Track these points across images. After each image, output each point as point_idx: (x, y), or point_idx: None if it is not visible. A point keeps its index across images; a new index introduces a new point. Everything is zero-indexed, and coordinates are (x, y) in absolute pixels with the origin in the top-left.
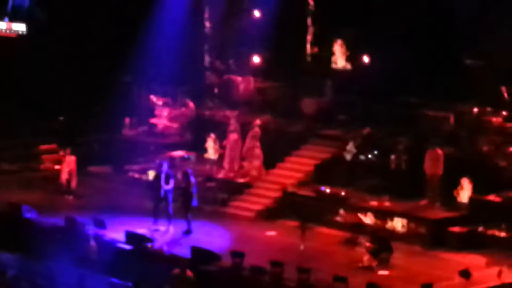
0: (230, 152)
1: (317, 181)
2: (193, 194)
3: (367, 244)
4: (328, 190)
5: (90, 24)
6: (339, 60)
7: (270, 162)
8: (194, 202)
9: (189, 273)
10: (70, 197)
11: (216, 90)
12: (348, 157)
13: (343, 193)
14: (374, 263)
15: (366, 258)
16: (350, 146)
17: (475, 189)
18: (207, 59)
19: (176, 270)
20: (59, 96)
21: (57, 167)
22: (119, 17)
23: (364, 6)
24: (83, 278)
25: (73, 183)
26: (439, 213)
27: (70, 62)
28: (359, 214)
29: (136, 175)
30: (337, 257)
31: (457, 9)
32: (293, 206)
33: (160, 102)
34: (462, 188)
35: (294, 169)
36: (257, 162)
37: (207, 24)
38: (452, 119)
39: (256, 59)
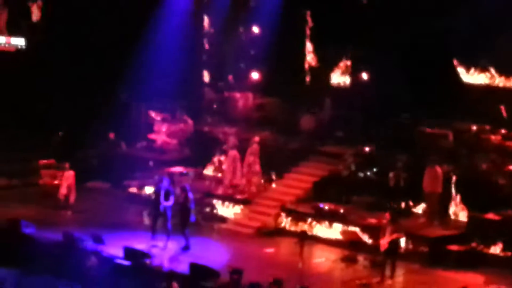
0: (229, 169)
1: (315, 198)
2: (191, 209)
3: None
4: (326, 207)
5: (89, 39)
6: (338, 77)
7: (269, 178)
8: (192, 218)
9: (175, 286)
10: (69, 212)
11: (215, 106)
12: (345, 173)
13: (341, 210)
14: (376, 278)
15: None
16: (348, 163)
17: (473, 207)
18: (206, 75)
19: (163, 284)
20: (58, 111)
21: (56, 182)
22: (118, 33)
23: (363, 23)
24: None
25: (72, 198)
26: (438, 231)
27: (69, 76)
28: (358, 232)
29: (135, 191)
30: (335, 274)
31: (455, 29)
32: (291, 223)
33: (159, 118)
34: (460, 206)
35: (293, 185)
36: (256, 179)
37: (206, 40)
38: (451, 137)
39: (255, 75)
